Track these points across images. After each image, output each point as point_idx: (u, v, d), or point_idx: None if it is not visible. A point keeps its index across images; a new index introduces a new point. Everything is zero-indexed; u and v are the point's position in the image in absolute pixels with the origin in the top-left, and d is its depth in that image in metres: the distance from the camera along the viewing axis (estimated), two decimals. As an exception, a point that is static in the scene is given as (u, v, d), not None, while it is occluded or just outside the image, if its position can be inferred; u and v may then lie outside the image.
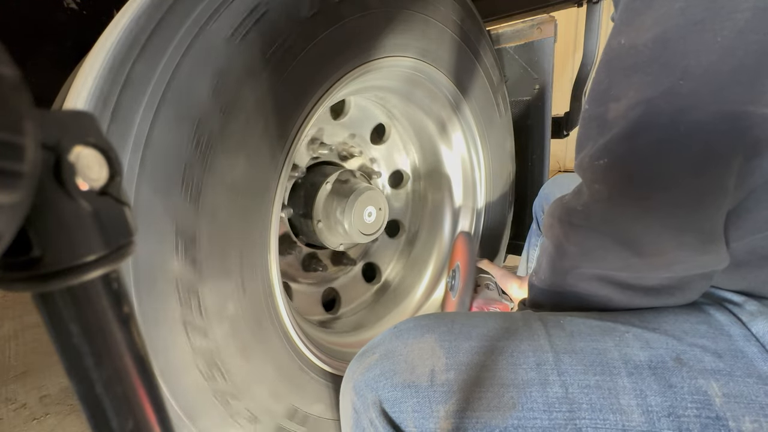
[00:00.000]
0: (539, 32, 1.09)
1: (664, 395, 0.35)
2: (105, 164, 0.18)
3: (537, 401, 0.37)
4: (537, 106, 1.16)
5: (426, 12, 0.79)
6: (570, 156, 3.39)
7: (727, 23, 0.29)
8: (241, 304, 0.58)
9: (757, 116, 0.30)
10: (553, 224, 0.45)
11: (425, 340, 0.43)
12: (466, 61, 0.92)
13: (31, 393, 1.10)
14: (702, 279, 0.41)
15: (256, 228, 0.59)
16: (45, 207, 0.16)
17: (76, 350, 0.17)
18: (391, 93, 0.93)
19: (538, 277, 0.51)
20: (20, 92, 0.14)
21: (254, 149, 0.56)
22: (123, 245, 0.18)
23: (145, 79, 0.48)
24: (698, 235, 0.35)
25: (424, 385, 0.39)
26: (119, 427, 0.18)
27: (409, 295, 1.09)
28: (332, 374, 0.74)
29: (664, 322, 0.41)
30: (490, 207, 1.09)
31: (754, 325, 0.38)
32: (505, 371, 0.39)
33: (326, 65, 0.64)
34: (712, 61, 0.30)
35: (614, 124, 0.35)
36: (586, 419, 0.36)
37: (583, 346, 0.40)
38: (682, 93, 0.31)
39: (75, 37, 0.92)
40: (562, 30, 1.44)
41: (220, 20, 0.52)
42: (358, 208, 0.85)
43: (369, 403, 0.40)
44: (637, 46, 0.34)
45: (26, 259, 0.16)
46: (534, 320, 0.44)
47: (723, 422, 0.34)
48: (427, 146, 1.08)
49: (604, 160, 0.36)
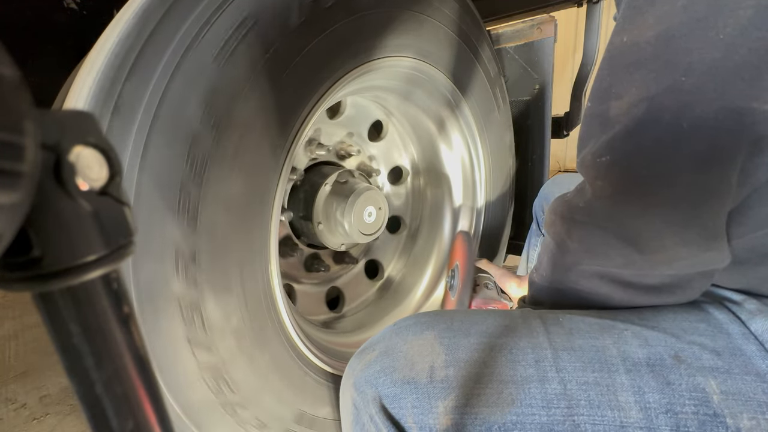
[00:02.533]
0: (539, 32, 1.09)
1: (662, 392, 0.36)
2: (105, 164, 0.18)
3: (536, 398, 0.37)
4: (537, 106, 1.16)
5: (425, 12, 0.79)
6: (570, 156, 3.39)
7: (730, 20, 0.29)
8: (244, 316, 0.59)
9: (760, 113, 0.29)
10: (555, 221, 0.45)
11: (425, 337, 0.43)
12: (465, 60, 0.92)
13: (31, 393, 1.10)
14: (703, 277, 0.41)
15: (255, 238, 0.59)
16: (45, 207, 0.16)
17: (76, 350, 0.17)
18: (390, 92, 0.93)
19: (539, 273, 0.51)
20: (20, 92, 0.14)
21: (251, 159, 0.56)
22: (123, 245, 0.18)
23: (136, 97, 0.48)
24: (701, 231, 0.35)
25: (423, 382, 0.39)
26: (119, 427, 0.18)
27: (411, 292, 1.09)
28: (335, 375, 0.75)
29: (663, 321, 0.41)
30: (489, 206, 1.09)
31: (753, 324, 0.39)
32: (504, 368, 0.39)
33: (322, 69, 0.64)
34: (715, 57, 0.30)
35: (616, 122, 0.35)
36: (585, 415, 0.36)
37: (582, 344, 0.40)
38: (686, 89, 0.31)
39: (75, 37, 0.92)
40: (562, 30, 1.44)
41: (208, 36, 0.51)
42: (358, 208, 0.85)
43: (369, 400, 0.40)
44: (640, 44, 0.34)
45: (26, 259, 0.16)
46: (533, 318, 0.44)
47: (721, 419, 0.34)
48: (426, 143, 1.08)
49: (606, 157, 0.36)
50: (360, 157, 1.02)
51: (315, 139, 0.90)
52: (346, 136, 0.97)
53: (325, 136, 0.92)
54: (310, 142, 0.89)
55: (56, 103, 0.82)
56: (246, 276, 0.58)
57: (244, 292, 0.58)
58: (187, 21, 0.50)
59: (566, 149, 3.40)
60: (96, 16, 0.93)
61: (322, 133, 0.91)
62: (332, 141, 0.94)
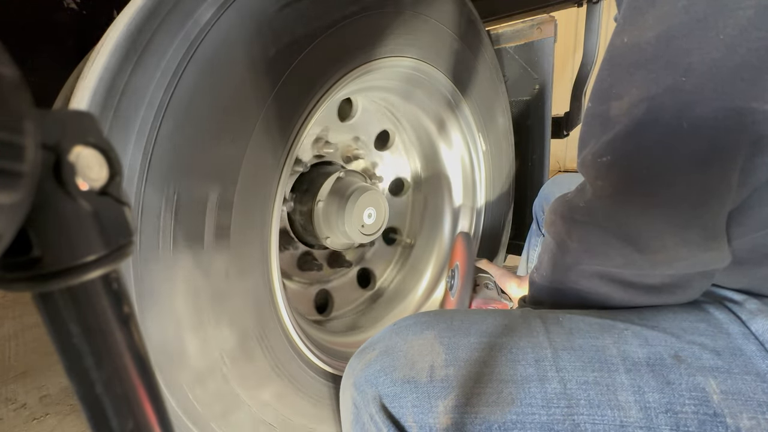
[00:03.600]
0: (539, 32, 1.09)
1: (662, 392, 0.36)
2: (105, 164, 0.18)
3: (535, 397, 0.37)
4: (537, 106, 1.16)
5: (425, 12, 0.79)
6: (570, 156, 3.39)
7: (730, 20, 0.29)
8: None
9: (760, 113, 0.30)
10: (555, 221, 0.45)
11: (425, 336, 0.43)
12: (465, 60, 0.92)
13: (31, 393, 1.10)
14: (703, 277, 0.41)
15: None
16: (45, 207, 0.16)
17: (76, 350, 0.17)
18: (391, 93, 0.93)
19: (539, 273, 0.51)
20: (20, 92, 0.14)
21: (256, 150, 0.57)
22: (123, 245, 0.18)
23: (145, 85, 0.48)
24: (701, 231, 0.35)
25: (423, 381, 0.39)
26: (119, 427, 0.18)
27: (404, 301, 1.09)
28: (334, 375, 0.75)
29: (663, 320, 0.41)
30: (489, 205, 1.09)
31: (754, 324, 0.39)
32: (503, 367, 0.39)
33: (328, 66, 0.64)
34: (715, 58, 0.30)
35: (617, 122, 0.35)
36: (584, 415, 0.36)
37: (582, 343, 0.40)
38: (686, 89, 0.31)
39: (75, 37, 0.92)
40: (562, 30, 1.44)
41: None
42: (359, 208, 0.85)
43: (369, 399, 0.40)
44: (640, 44, 0.34)
45: (26, 259, 0.16)
46: (533, 318, 0.44)
47: (721, 419, 0.34)
48: (426, 147, 1.08)
49: (607, 157, 0.37)
50: (364, 163, 1.02)
51: (322, 137, 0.90)
52: (352, 140, 0.98)
53: (333, 135, 0.93)
54: (317, 140, 0.89)
55: (56, 102, 0.82)
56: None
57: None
58: (189, 20, 0.50)
59: (566, 149, 3.40)
60: (96, 16, 0.92)
61: (330, 132, 0.92)
62: (339, 140, 0.95)
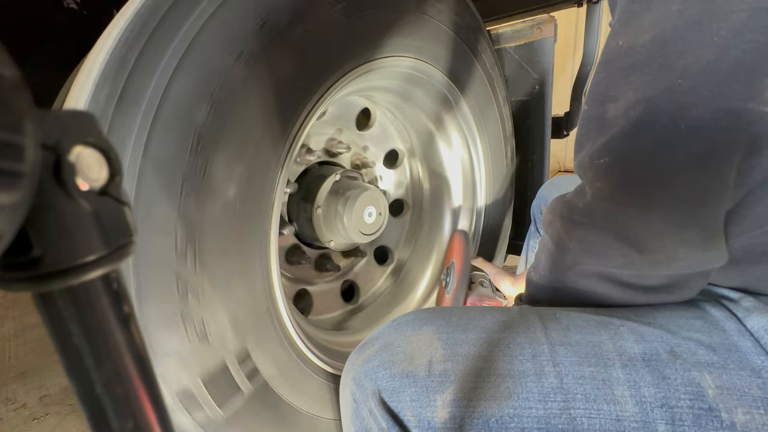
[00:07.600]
0: (539, 32, 1.09)
1: (658, 386, 0.36)
2: (105, 164, 0.18)
3: (532, 391, 0.37)
4: (537, 106, 1.16)
5: (425, 12, 0.79)
6: (570, 156, 3.39)
7: (724, 23, 0.29)
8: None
9: (755, 113, 0.30)
10: (553, 221, 0.45)
11: (423, 332, 0.43)
12: (465, 60, 0.92)
13: (31, 393, 1.10)
14: (700, 277, 0.41)
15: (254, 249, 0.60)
16: (45, 207, 0.16)
17: (76, 350, 0.17)
18: (388, 92, 0.93)
19: (537, 272, 0.51)
20: (20, 92, 0.14)
21: (254, 151, 0.57)
22: (123, 245, 0.19)
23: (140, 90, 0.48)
24: (699, 231, 0.35)
25: (422, 376, 0.39)
26: (119, 427, 0.18)
27: (423, 277, 1.11)
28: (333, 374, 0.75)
29: (660, 317, 0.42)
30: (489, 205, 1.09)
31: (749, 320, 0.39)
32: (501, 362, 0.39)
33: (324, 68, 0.64)
34: (710, 60, 0.30)
35: (614, 124, 0.36)
36: (581, 409, 0.36)
37: (579, 339, 0.40)
38: (683, 91, 0.31)
39: (75, 37, 0.91)
40: (562, 30, 1.44)
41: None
42: (358, 209, 0.85)
43: (368, 393, 0.41)
44: (635, 47, 0.34)
45: (26, 259, 0.16)
46: (530, 314, 0.44)
47: (716, 413, 0.34)
48: (426, 140, 1.08)
49: (604, 159, 0.37)
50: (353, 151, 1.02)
51: (305, 144, 0.90)
52: (335, 132, 0.97)
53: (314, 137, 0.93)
54: (300, 148, 0.89)
55: (56, 102, 0.82)
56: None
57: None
58: (189, 19, 0.50)
59: (566, 149, 3.40)
60: (96, 16, 0.92)
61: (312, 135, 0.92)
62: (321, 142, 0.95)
